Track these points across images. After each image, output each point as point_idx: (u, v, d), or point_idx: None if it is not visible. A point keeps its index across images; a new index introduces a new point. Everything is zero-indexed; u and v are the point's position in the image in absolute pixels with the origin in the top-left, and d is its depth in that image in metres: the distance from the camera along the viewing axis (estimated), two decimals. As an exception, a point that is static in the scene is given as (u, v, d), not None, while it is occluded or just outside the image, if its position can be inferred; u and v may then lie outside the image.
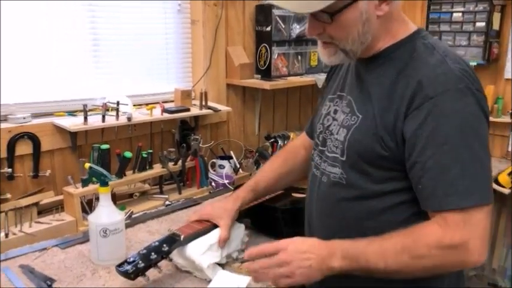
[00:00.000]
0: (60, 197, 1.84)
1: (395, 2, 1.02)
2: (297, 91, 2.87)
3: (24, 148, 1.82)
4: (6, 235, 1.62)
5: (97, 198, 1.77)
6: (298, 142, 1.49)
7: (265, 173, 1.46)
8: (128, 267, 1.16)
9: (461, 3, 2.57)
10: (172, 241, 1.25)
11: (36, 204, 1.76)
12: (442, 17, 2.64)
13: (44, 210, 1.82)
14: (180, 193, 2.05)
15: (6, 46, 1.83)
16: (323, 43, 1.06)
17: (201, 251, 1.27)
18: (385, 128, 1.00)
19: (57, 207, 1.82)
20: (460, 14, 2.59)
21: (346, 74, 1.20)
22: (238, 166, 2.33)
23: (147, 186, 2.09)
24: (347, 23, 0.98)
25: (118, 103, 1.91)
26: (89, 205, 1.83)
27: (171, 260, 1.27)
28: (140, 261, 1.17)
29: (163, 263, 1.25)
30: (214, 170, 2.32)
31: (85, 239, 1.49)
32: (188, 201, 1.94)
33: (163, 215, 1.74)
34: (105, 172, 1.38)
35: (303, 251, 0.99)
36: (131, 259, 1.18)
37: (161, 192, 2.06)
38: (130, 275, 1.15)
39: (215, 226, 1.34)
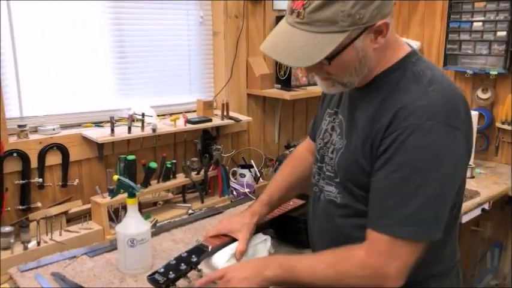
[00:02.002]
0: (88, 206, 1.91)
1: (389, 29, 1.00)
2: (316, 100, 2.88)
3: (53, 158, 1.89)
4: (38, 243, 1.69)
5: (123, 208, 1.83)
6: (303, 147, 1.52)
7: (277, 184, 1.49)
8: (160, 278, 1.19)
9: (482, 12, 2.56)
10: (201, 252, 1.28)
11: (65, 212, 1.83)
12: (462, 26, 2.63)
13: (72, 219, 1.88)
14: (202, 202, 2.10)
15: (36, 59, 1.91)
16: (321, 77, 1.07)
17: (225, 259, 1.30)
18: (364, 157, 1.02)
19: (85, 215, 1.88)
20: (481, 24, 2.58)
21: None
22: (258, 175, 2.37)
23: (170, 195, 2.15)
24: (345, 63, 0.99)
25: (143, 115, 1.97)
26: (115, 214, 1.88)
27: (199, 270, 1.30)
28: (171, 272, 1.20)
29: (191, 273, 1.29)
30: (235, 179, 2.36)
31: (112, 247, 1.53)
32: (210, 210, 1.98)
33: (187, 223, 1.78)
34: (132, 184, 1.43)
35: (239, 268, 1.12)
36: (162, 270, 1.22)
37: (184, 201, 2.11)
38: (161, 285, 1.18)
39: (235, 240, 1.36)
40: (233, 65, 2.44)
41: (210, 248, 1.30)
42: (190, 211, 1.98)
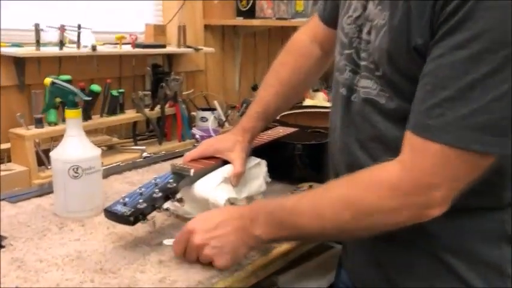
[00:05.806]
0: (4, 146, 1.42)
1: None
2: (279, 39, 2.55)
3: (-47, 83, 1.39)
4: None
5: (56, 146, 1.37)
6: (306, 36, 1.09)
7: (273, 89, 1.08)
8: (125, 209, 0.80)
9: None
10: (180, 177, 0.92)
11: (-28, 154, 1.34)
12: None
13: (-19, 165, 1.39)
14: (160, 143, 1.67)
15: None
16: None
17: (214, 185, 0.94)
18: (421, 35, 0.67)
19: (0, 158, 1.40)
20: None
21: None
22: (223, 119, 1.98)
23: (116, 139, 1.70)
24: None
25: (79, 26, 1.50)
26: (45, 154, 1.42)
27: (180, 200, 0.91)
28: (141, 201, 0.82)
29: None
30: (194, 125, 1.96)
31: (43, 191, 1.12)
32: (170, 153, 1.57)
33: (144, 166, 1.37)
34: (74, 89, 1.00)
35: (213, 228, 0.79)
36: (126, 199, 0.83)
37: (136, 145, 1.68)
38: (128, 219, 0.79)
39: (226, 162, 1.01)
40: (187, -14, 2.03)
41: (192, 171, 0.93)
42: (145, 154, 1.56)
